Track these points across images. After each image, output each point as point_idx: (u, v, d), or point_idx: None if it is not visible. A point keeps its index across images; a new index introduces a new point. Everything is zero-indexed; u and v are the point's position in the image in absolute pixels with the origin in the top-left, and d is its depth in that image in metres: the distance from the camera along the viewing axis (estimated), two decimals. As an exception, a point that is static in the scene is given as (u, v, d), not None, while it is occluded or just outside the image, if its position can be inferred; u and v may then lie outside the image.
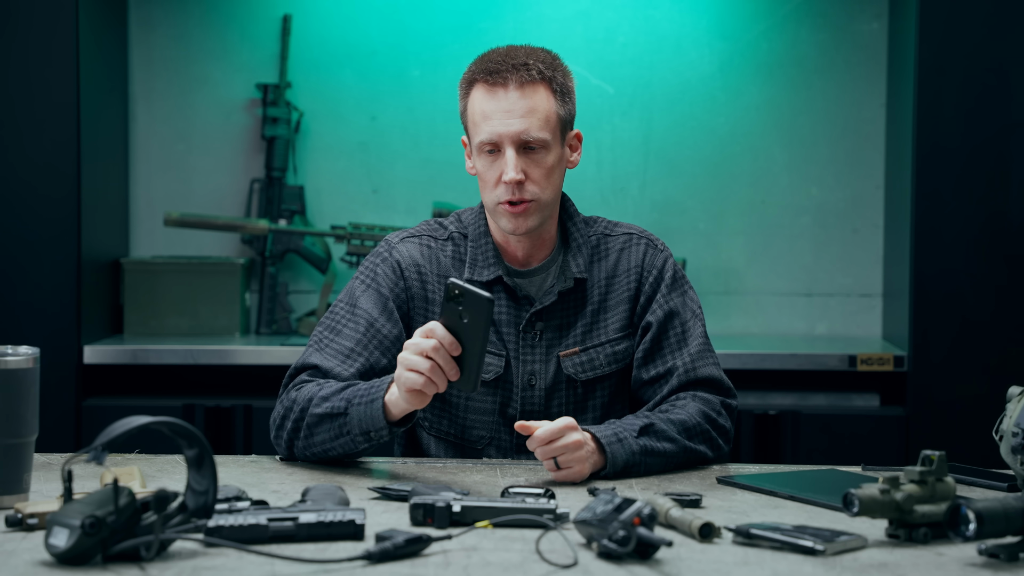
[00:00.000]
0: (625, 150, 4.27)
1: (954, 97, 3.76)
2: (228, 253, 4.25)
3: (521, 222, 2.31)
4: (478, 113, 2.31)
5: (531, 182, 2.30)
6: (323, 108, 4.27)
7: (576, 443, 2.14)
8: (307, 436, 2.23)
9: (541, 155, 2.30)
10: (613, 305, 2.40)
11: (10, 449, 1.90)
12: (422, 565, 1.65)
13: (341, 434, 2.19)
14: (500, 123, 2.28)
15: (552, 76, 2.32)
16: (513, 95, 2.29)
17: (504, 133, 2.28)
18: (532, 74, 2.30)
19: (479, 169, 2.33)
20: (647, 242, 2.44)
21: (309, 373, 2.30)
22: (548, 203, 2.32)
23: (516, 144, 2.28)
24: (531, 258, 2.39)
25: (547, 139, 2.30)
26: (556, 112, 2.31)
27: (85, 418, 3.78)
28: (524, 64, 2.30)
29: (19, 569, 1.62)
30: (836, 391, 3.92)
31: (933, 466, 1.77)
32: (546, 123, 2.30)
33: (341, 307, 2.36)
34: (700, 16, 4.25)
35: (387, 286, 2.36)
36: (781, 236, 4.29)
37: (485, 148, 2.31)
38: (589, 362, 2.38)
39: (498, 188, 2.30)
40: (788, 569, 1.66)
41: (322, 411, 2.20)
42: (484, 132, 2.30)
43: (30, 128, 3.77)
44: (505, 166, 2.28)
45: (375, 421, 2.15)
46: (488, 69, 2.31)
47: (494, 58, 2.32)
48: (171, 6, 4.24)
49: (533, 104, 2.29)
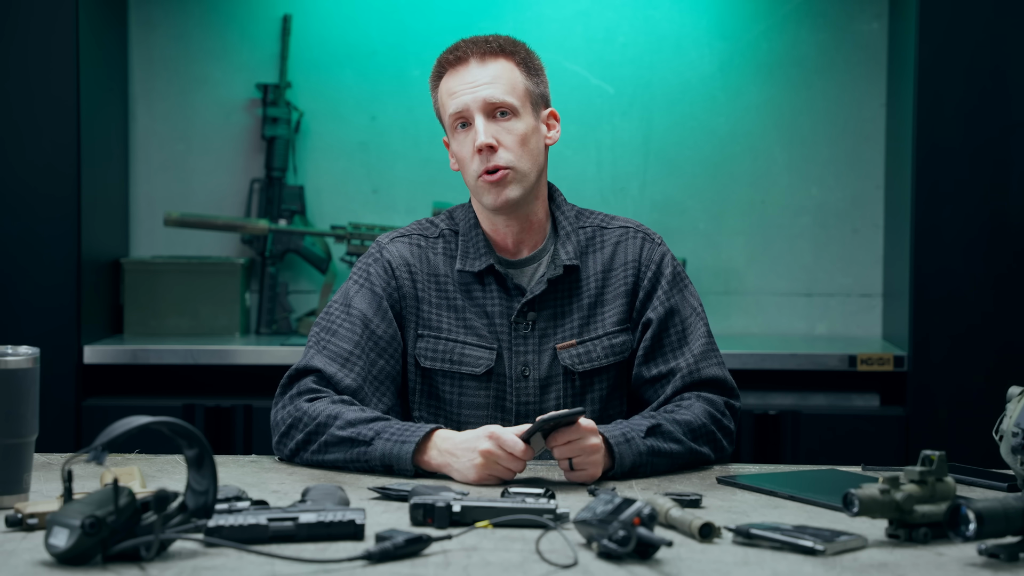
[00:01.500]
0: (625, 150, 4.27)
1: (954, 97, 3.76)
2: (228, 253, 4.26)
3: (499, 192, 2.32)
4: (445, 94, 2.36)
5: (504, 148, 2.32)
6: (323, 108, 4.27)
7: (594, 446, 2.15)
8: (318, 452, 2.25)
9: (511, 122, 2.33)
10: (611, 299, 2.40)
11: (10, 449, 1.90)
12: (422, 565, 1.65)
13: (359, 459, 2.21)
14: (465, 93, 2.33)
15: (515, 51, 2.37)
16: (474, 67, 2.34)
17: (470, 101, 2.32)
18: (492, 46, 2.35)
19: (455, 151, 2.37)
20: (643, 236, 2.44)
21: (314, 379, 2.31)
22: (525, 173, 2.34)
23: (484, 110, 2.32)
24: (521, 247, 2.40)
25: (514, 104, 2.33)
26: (523, 84, 2.35)
27: (85, 418, 3.78)
28: (484, 40, 2.36)
29: (19, 569, 1.62)
30: (836, 391, 3.92)
31: (933, 466, 1.77)
32: (512, 89, 2.33)
33: (336, 308, 2.38)
34: (700, 16, 4.25)
35: (380, 286, 2.37)
36: (781, 236, 4.29)
37: (456, 124, 2.34)
38: (586, 354, 2.39)
39: (474, 161, 2.33)
40: (788, 569, 1.66)
41: (345, 435, 2.22)
42: (451, 106, 2.34)
43: (30, 128, 3.77)
44: (476, 134, 2.31)
45: (401, 460, 2.18)
46: (450, 54, 2.37)
47: (457, 44, 2.38)
48: (171, 6, 4.24)
49: (496, 72, 2.33)
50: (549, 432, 2.13)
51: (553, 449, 2.15)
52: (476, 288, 2.38)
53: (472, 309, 2.38)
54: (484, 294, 2.38)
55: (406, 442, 2.18)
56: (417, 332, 2.38)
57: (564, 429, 2.14)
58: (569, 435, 2.14)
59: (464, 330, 2.37)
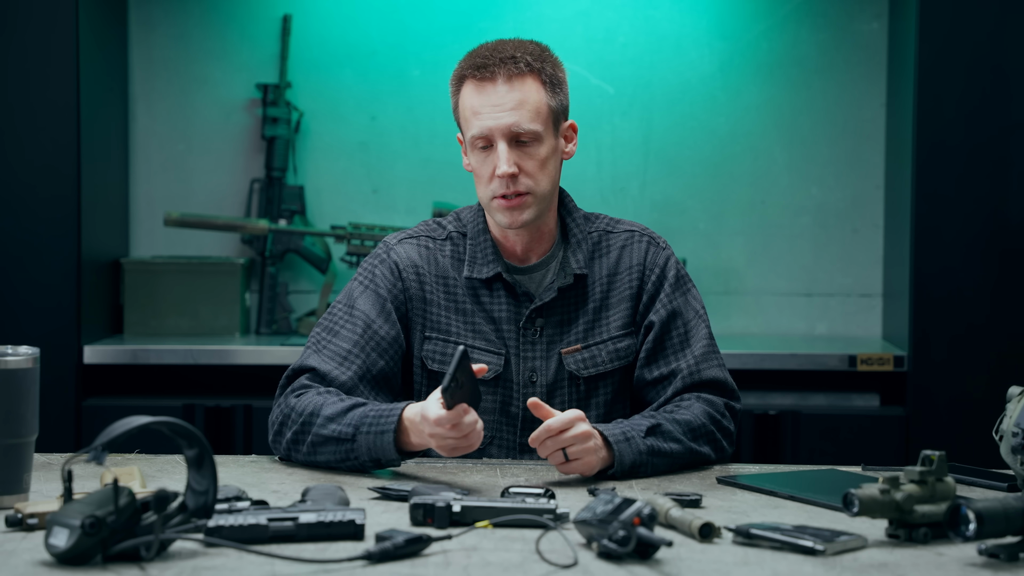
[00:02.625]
0: (625, 150, 4.27)
1: (954, 97, 3.76)
2: (228, 253, 4.26)
3: (516, 216, 2.31)
4: (468, 109, 2.31)
5: (524, 175, 2.30)
6: (323, 108, 4.27)
7: (585, 434, 2.14)
8: (310, 453, 2.24)
9: (534, 147, 2.30)
10: (615, 303, 2.40)
11: (10, 449, 1.90)
12: (422, 565, 1.65)
13: (348, 458, 2.20)
14: (490, 117, 2.29)
15: (541, 68, 2.32)
16: (502, 89, 2.29)
17: (494, 127, 2.28)
18: (520, 66, 2.30)
19: (473, 165, 2.34)
20: (649, 240, 2.44)
21: (308, 376, 2.30)
22: (544, 195, 2.32)
23: (507, 137, 2.29)
24: (530, 253, 2.39)
25: (538, 131, 2.30)
26: (547, 103, 2.31)
27: (85, 418, 3.78)
28: (512, 57, 2.30)
29: (19, 569, 1.62)
30: (836, 391, 3.92)
31: (933, 466, 1.77)
32: (536, 115, 2.30)
33: (339, 308, 2.37)
34: (700, 16, 4.25)
35: (385, 287, 2.36)
36: (781, 236, 4.29)
37: (477, 144, 2.31)
38: (591, 359, 2.38)
39: (492, 183, 2.30)
40: (788, 569, 1.66)
41: (328, 433, 2.20)
42: (475, 127, 2.30)
43: (30, 128, 3.77)
44: (498, 160, 2.28)
45: (385, 452, 2.16)
46: (476, 64, 2.31)
47: (482, 53, 2.33)
48: (171, 6, 4.24)
49: (522, 96, 2.29)
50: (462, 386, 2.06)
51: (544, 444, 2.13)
52: (484, 293, 2.38)
53: (480, 314, 2.37)
54: (492, 299, 2.37)
55: (383, 432, 2.15)
56: (424, 334, 2.37)
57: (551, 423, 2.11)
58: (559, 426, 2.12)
59: (472, 334, 2.36)
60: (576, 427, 2.13)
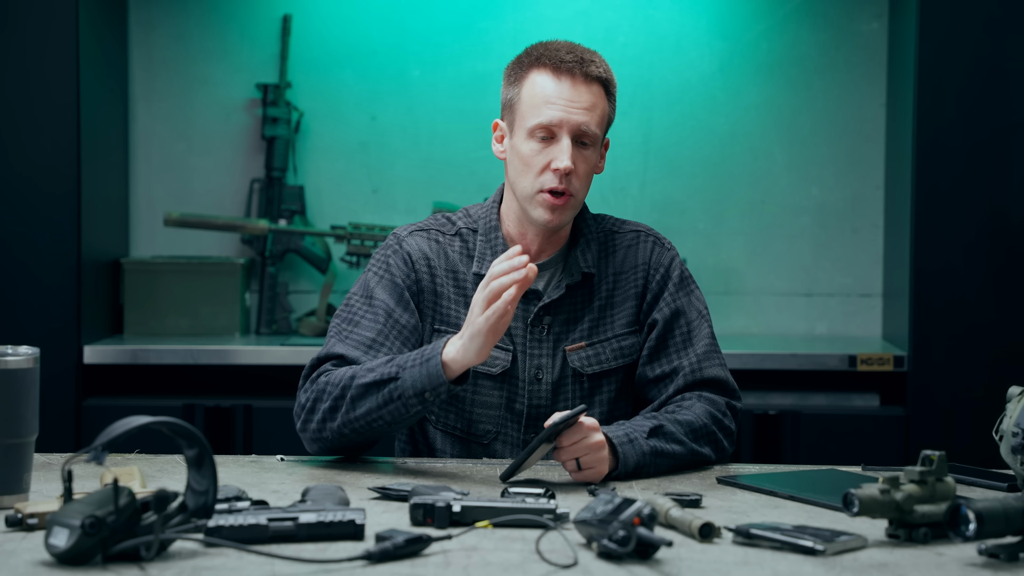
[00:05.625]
0: (625, 150, 4.27)
1: (954, 97, 3.76)
2: (228, 253, 4.26)
3: (558, 215, 2.32)
4: (539, 96, 2.31)
5: (575, 176, 2.31)
6: (323, 108, 4.27)
7: (599, 443, 2.15)
8: (348, 411, 2.21)
9: (589, 152, 2.33)
10: (620, 301, 2.41)
11: (10, 449, 1.90)
12: (422, 565, 1.65)
13: (391, 399, 2.18)
14: (564, 110, 2.30)
15: (610, 79, 2.37)
16: (581, 87, 2.31)
17: (566, 120, 2.29)
18: (599, 71, 2.34)
19: (524, 153, 2.32)
20: (654, 240, 2.45)
21: (334, 363, 2.30)
22: (580, 202, 2.35)
23: (573, 134, 2.30)
24: (541, 253, 2.40)
25: (599, 137, 2.34)
26: (608, 115, 2.36)
27: (85, 418, 3.78)
28: (592, 61, 2.34)
29: (19, 569, 1.62)
30: (836, 391, 3.92)
31: (933, 466, 1.77)
32: (601, 121, 2.34)
33: (357, 299, 2.36)
34: (700, 16, 4.25)
35: (400, 276, 2.36)
36: (781, 236, 4.29)
37: (538, 133, 2.31)
38: (595, 356, 2.39)
39: (544, 175, 2.30)
40: (788, 569, 1.66)
41: (369, 380, 2.19)
42: (544, 115, 2.30)
43: (30, 128, 3.77)
44: (560, 153, 2.29)
45: (433, 379, 2.15)
46: (555, 57, 2.33)
47: (559, 47, 2.34)
48: (171, 6, 4.24)
49: (595, 100, 2.33)
50: (556, 436, 2.12)
51: (560, 451, 2.14)
52: None
53: None
54: None
55: (430, 359, 2.15)
56: (434, 327, 2.37)
57: (568, 430, 2.14)
58: (573, 435, 2.14)
59: None
60: (591, 437, 2.14)
